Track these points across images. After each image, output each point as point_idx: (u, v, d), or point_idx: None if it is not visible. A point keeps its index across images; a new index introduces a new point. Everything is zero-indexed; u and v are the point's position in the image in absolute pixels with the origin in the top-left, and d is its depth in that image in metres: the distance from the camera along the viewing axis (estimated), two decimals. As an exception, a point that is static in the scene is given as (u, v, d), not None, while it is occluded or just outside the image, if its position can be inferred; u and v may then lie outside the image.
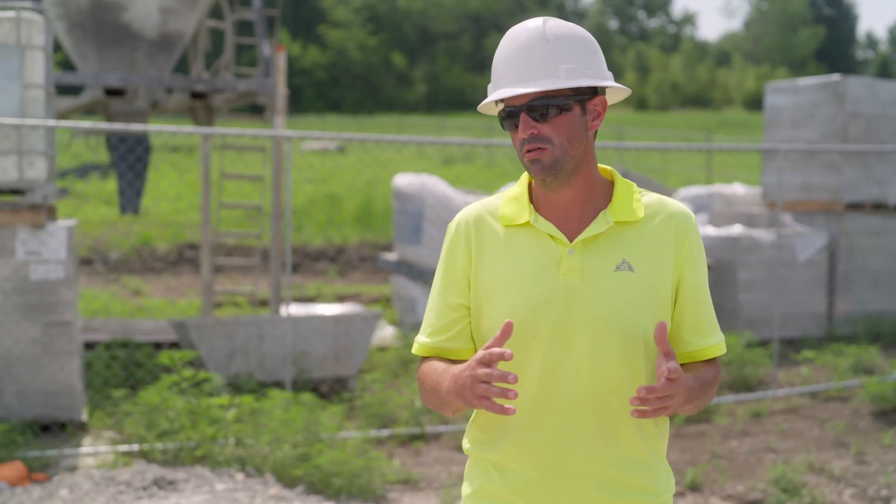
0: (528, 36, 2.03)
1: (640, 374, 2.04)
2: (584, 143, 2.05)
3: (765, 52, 72.68)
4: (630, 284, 2.02)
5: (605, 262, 2.03)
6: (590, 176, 2.09)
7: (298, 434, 5.78)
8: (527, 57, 2.02)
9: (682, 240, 2.07)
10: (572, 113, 2.03)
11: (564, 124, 2.02)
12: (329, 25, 59.90)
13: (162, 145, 27.58)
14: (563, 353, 2.03)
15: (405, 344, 9.13)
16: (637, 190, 2.12)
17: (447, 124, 41.02)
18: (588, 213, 2.07)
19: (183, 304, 12.10)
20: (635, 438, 2.06)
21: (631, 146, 7.75)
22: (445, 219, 9.49)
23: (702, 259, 2.12)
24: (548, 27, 2.03)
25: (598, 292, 2.01)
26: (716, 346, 2.13)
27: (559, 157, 2.02)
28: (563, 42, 2.02)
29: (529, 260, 2.07)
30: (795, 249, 10.21)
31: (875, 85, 10.91)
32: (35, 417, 6.48)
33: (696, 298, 2.10)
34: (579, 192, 2.08)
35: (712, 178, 25.16)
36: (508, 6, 67.06)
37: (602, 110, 2.07)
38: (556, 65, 2.00)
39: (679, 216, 2.09)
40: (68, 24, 9.90)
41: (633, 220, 2.06)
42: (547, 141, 2.02)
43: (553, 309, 2.03)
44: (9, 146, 6.41)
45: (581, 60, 2.02)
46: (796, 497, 5.46)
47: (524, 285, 2.05)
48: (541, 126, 2.02)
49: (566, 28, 2.05)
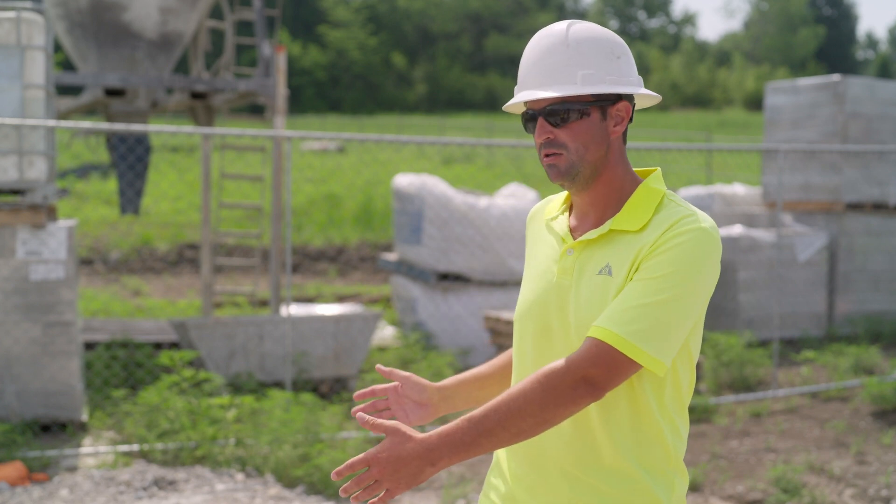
0: (550, 40, 2.02)
1: None
2: (603, 149, 2.02)
3: (765, 52, 72.68)
4: (605, 288, 1.98)
5: (593, 266, 2.02)
6: (613, 181, 2.05)
7: (298, 434, 5.78)
8: (546, 61, 2.01)
9: (659, 239, 1.93)
10: (591, 118, 2.01)
11: (582, 130, 2.01)
12: (329, 25, 59.90)
13: (162, 145, 27.58)
14: (548, 350, 2.06)
15: (405, 344, 9.13)
16: (664, 202, 2.01)
17: (447, 124, 41.02)
18: (606, 217, 2.06)
19: (183, 304, 12.10)
20: (615, 447, 1.98)
21: (631, 146, 7.74)
22: (445, 219, 9.49)
23: (671, 260, 1.90)
24: (571, 31, 2.02)
25: (580, 294, 2.01)
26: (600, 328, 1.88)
27: (574, 163, 2.01)
28: (583, 47, 2.00)
29: (542, 257, 2.13)
30: (795, 249, 10.21)
31: (875, 85, 10.90)
32: (35, 417, 6.48)
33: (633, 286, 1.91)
34: (600, 196, 2.06)
35: (712, 178, 25.16)
36: (508, 6, 67.04)
37: (626, 115, 2.04)
38: (574, 70, 1.99)
39: (673, 223, 1.94)
40: (68, 24, 9.90)
41: (631, 229, 2.00)
42: (562, 146, 2.01)
43: (546, 306, 2.06)
44: (9, 146, 6.41)
45: (601, 66, 2.00)
46: (796, 497, 5.46)
47: (533, 281, 2.12)
48: (557, 131, 2.01)
49: (590, 32, 2.03)
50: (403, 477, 1.84)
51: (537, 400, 1.85)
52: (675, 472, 2.03)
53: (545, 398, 1.85)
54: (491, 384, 2.27)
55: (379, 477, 1.85)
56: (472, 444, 1.84)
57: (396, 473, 1.84)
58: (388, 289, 12.77)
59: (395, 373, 2.20)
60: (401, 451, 1.85)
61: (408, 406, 2.20)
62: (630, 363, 1.87)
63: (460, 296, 9.57)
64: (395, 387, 2.20)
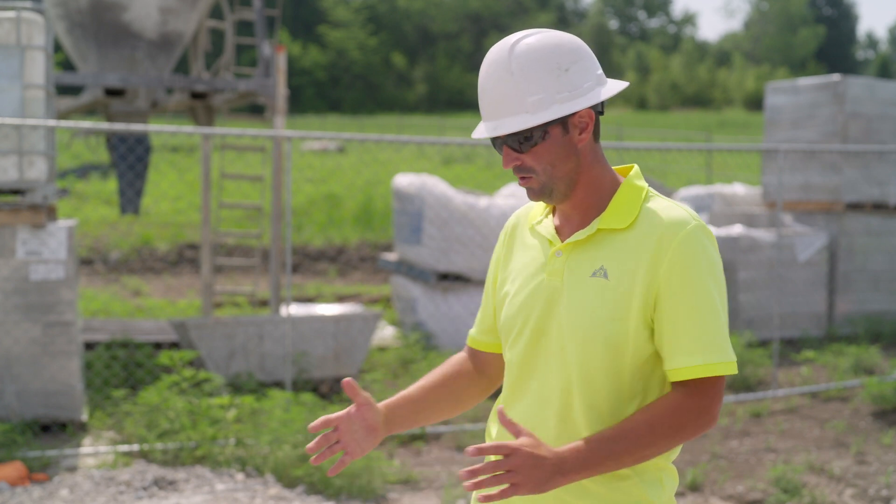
0: (494, 68, 1.98)
1: (601, 385, 1.99)
2: (572, 161, 2.01)
3: (765, 52, 72.68)
4: (602, 292, 1.98)
5: (584, 268, 2.02)
6: (591, 184, 2.05)
7: (298, 434, 5.78)
8: (495, 92, 1.98)
9: (665, 247, 1.96)
10: (552, 137, 1.99)
11: (545, 151, 1.99)
12: (329, 25, 59.91)
13: (162, 145, 27.58)
14: (538, 351, 2.06)
15: (405, 344, 9.13)
16: (646, 196, 2.04)
17: (447, 124, 41.02)
18: (590, 218, 2.06)
19: (183, 304, 12.10)
20: None
21: (631, 146, 7.73)
22: (445, 219, 9.49)
23: (692, 267, 1.95)
24: (513, 56, 1.96)
25: (573, 297, 2.01)
26: (700, 366, 1.95)
27: (546, 183, 2.02)
28: (528, 71, 1.95)
29: (529, 260, 2.12)
30: (795, 249, 10.21)
31: (875, 85, 10.90)
32: (35, 417, 6.47)
33: (677, 310, 1.95)
34: (581, 200, 2.06)
35: (712, 178, 25.16)
36: (508, 6, 67.06)
37: (589, 121, 2.00)
38: (522, 98, 1.95)
39: (669, 223, 1.97)
40: (68, 24, 9.89)
41: (619, 227, 2.00)
42: (530, 170, 2.01)
43: (536, 308, 2.06)
44: (9, 146, 6.41)
45: (549, 86, 1.95)
46: (796, 497, 5.46)
47: (521, 283, 2.11)
48: (523, 157, 2.00)
49: (533, 50, 1.96)
50: (536, 477, 1.85)
51: (668, 436, 1.93)
52: (664, 471, 2.05)
53: (675, 435, 1.94)
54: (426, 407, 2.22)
55: (516, 468, 1.84)
56: (599, 464, 1.90)
57: (533, 471, 1.84)
58: (388, 289, 12.76)
59: (359, 393, 2.10)
60: (541, 450, 1.87)
61: (359, 434, 2.11)
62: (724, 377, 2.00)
63: (460, 296, 9.57)
64: (349, 412, 2.11)
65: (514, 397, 2.12)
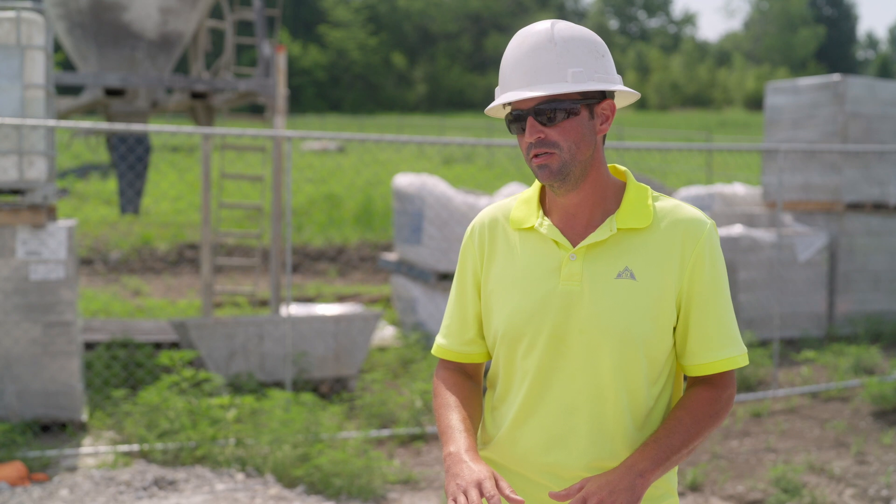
0: (535, 39, 2.00)
1: (636, 385, 2.02)
2: (591, 148, 2.02)
3: (765, 52, 72.68)
4: (630, 293, 1.99)
5: (606, 270, 2.01)
6: (599, 180, 2.06)
7: (298, 434, 5.78)
8: (534, 60, 1.98)
9: (689, 248, 2.02)
10: (580, 117, 1.99)
11: (572, 128, 1.99)
12: (329, 25, 59.91)
13: (162, 145, 27.57)
14: (558, 358, 2.03)
15: (405, 344, 9.12)
16: (651, 195, 2.07)
17: (447, 124, 41.02)
18: (596, 217, 2.05)
19: (183, 304, 12.10)
20: (628, 447, 2.04)
21: (631, 146, 7.73)
22: (445, 219, 9.49)
23: (714, 267, 2.04)
24: (556, 30, 2.00)
25: (598, 299, 1.99)
26: (725, 360, 2.06)
27: (567, 162, 1.99)
28: (570, 45, 1.98)
29: (533, 264, 2.07)
30: (796, 249, 10.21)
31: (875, 85, 10.90)
32: (35, 417, 6.47)
33: (705, 309, 2.03)
34: (587, 196, 2.05)
35: (712, 178, 25.15)
36: (508, 6, 67.05)
37: (611, 114, 2.03)
38: (563, 68, 1.97)
39: (688, 223, 2.03)
40: (68, 24, 9.89)
41: (640, 226, 2.02)
42: (554, 145, 1.99)
43: (551, 314, 2.02)
44: (9, 146, 6.41)
45: (589, 64, 1.99)
46: (796, 497, 5.46)
47: (526, 289, 2.06)
48: (548, 130, 1.98)
49: (574, 31, 2.01)
50: (621, 493, 1.91)
51: (709, 426, 2.06)
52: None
53: (713, 424, 2.07)
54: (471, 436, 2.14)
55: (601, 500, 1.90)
56: (666, 459, 1.98)
57: (613, 494, 1.91)
58: (388, 289, 12.76)
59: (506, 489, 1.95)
60: (608, 476, 1.94)
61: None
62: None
63: (460, 296, 9.55)
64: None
65: (531, 407, 2.06)
